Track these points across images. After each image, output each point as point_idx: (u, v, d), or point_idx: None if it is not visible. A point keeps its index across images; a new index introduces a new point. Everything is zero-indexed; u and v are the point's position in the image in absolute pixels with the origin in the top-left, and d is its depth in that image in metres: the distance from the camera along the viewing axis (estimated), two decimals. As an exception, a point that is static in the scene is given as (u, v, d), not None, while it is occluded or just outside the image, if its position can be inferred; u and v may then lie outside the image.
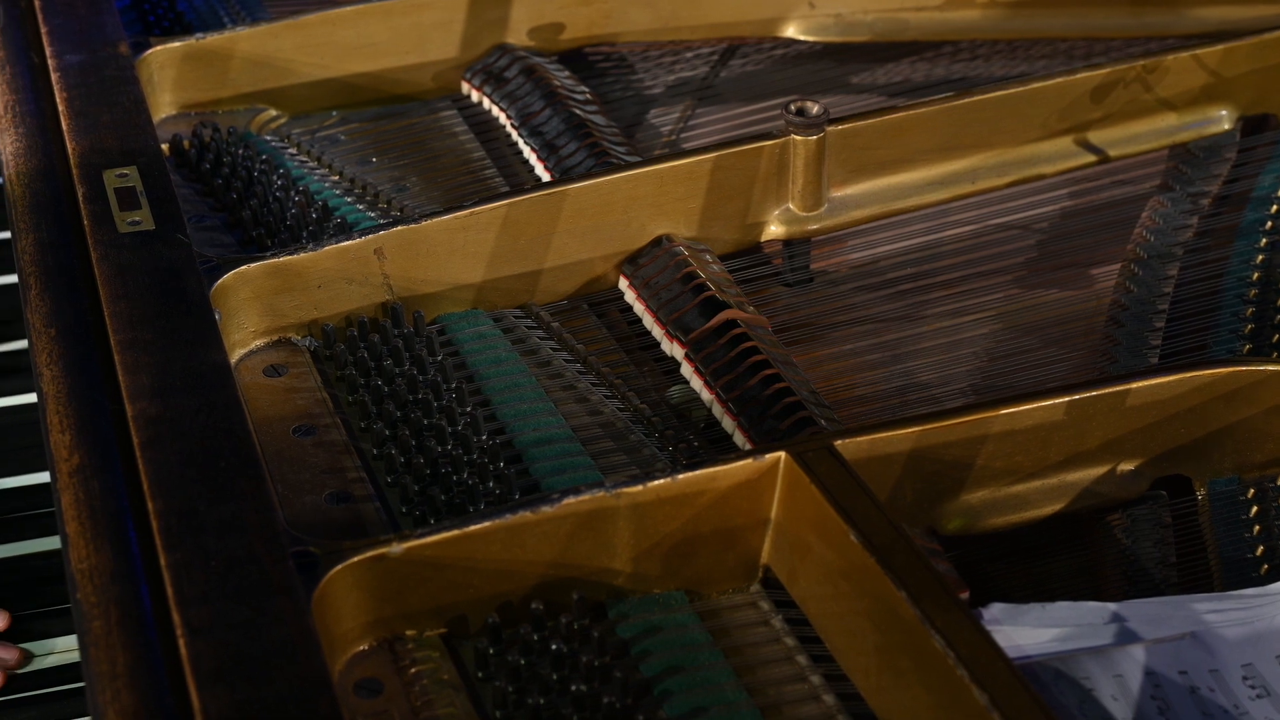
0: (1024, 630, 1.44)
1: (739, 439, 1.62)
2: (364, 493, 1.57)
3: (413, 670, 1.41)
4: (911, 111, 1.91)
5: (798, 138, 1.84)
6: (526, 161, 2.03)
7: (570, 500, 1.43)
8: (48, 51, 2.02)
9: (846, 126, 1.88)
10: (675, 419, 1.67)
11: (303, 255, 1.72)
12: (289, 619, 1.30)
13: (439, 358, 1.70)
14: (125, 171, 1.79)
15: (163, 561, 1.34)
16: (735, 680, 1.40)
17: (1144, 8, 2.24)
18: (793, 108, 1.85)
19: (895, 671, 1.35)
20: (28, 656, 1.69)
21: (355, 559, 1.39)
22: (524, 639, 1.41)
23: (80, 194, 1.77)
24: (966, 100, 1.93)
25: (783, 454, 1.47)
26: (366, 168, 2.03)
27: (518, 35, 2.19)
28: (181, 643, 1.28)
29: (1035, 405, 1.54)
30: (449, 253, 1.77)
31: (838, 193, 1.90)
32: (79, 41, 2.03)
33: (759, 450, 1.48)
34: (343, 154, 2.06)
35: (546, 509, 1.43)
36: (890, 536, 1.38)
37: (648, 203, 1.82)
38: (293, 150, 2.06)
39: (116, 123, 1.88)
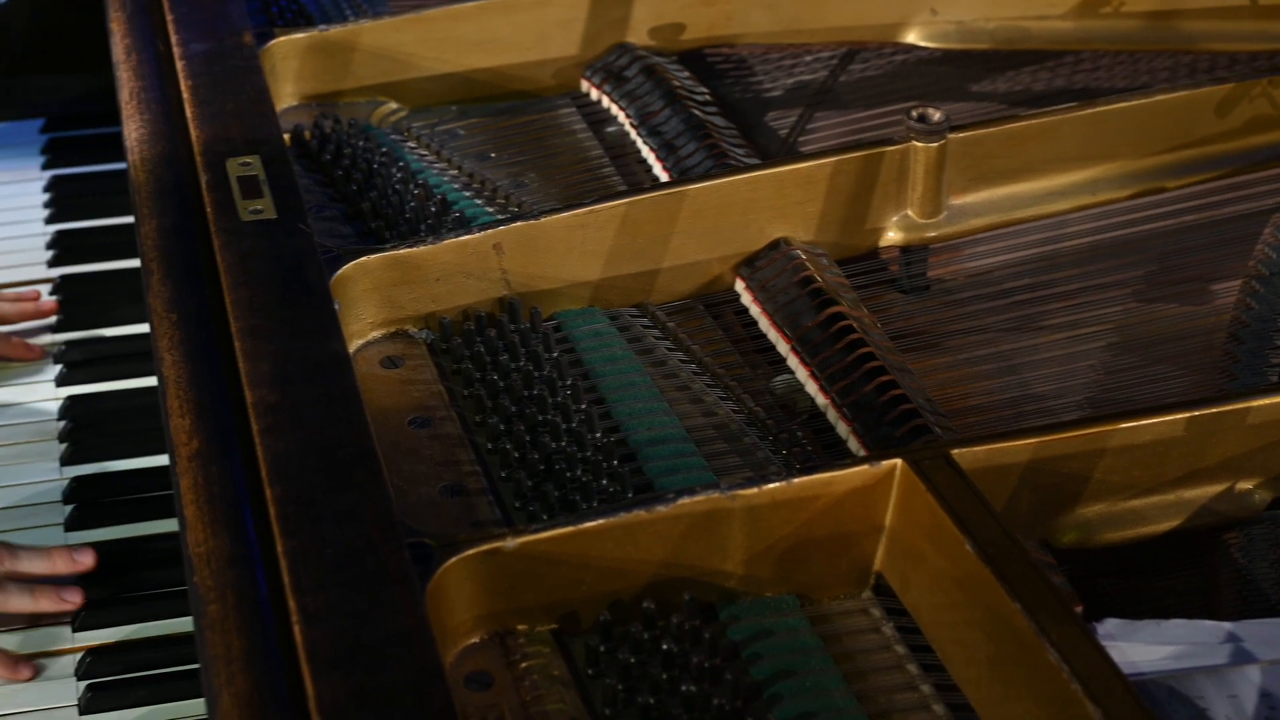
0: (1138, 647, 1.43)
1: (853, 444, 1.62)
2: (478, 486, 1.57)
3: (523, 665, 1.41)
4: (1034, 121, 1.90)
5: (919, 144, 1.83)
6: (644, 161, 2.03)
7: (685, 500, 1.43)
8: (173, 39, 2.04)
9: (968, 134, 1.87)
10: (785, 419, 1.67)
11: (422, 248, 1.73)
12: (404, 609, 1.30)
13: (555, 354, 1.70)
14: (248, 160, 1.80)
15: (280, 548, 1.35)
16: (845, 687, 1.40)
17: (1270, 21, 2.21)
18: (914, 114, 1.84)
19: (1007, 683, 1.34)
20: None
21: (470, 552, 1.40)
22: (635, 637, 1.41)
23: (203, 181, 1.78)
24: (1089, 111, 1.91)
25: (899, 461, 1.46)
26: (485, 163, 2.04)
27: (638, 35, 2.20)
28: (297, 629, 1.29)
29: (1155, 420, 1.53)
30: (567, 250, 1.77)
31: (957, 201, 1.89)
32: (204, 30, 2.05)
33: (875, 456, 1.47)
34: (462, 149, 2.07)
35: (661, 508, 1.43)
36: (1006, 547, 1.37)
37: (766, 205, 1.82)
38: (412, 144, 2.08)
39: (240, 112, 1.89)
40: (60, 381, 2.04)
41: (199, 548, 1.39)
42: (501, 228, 1.75)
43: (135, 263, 2.20)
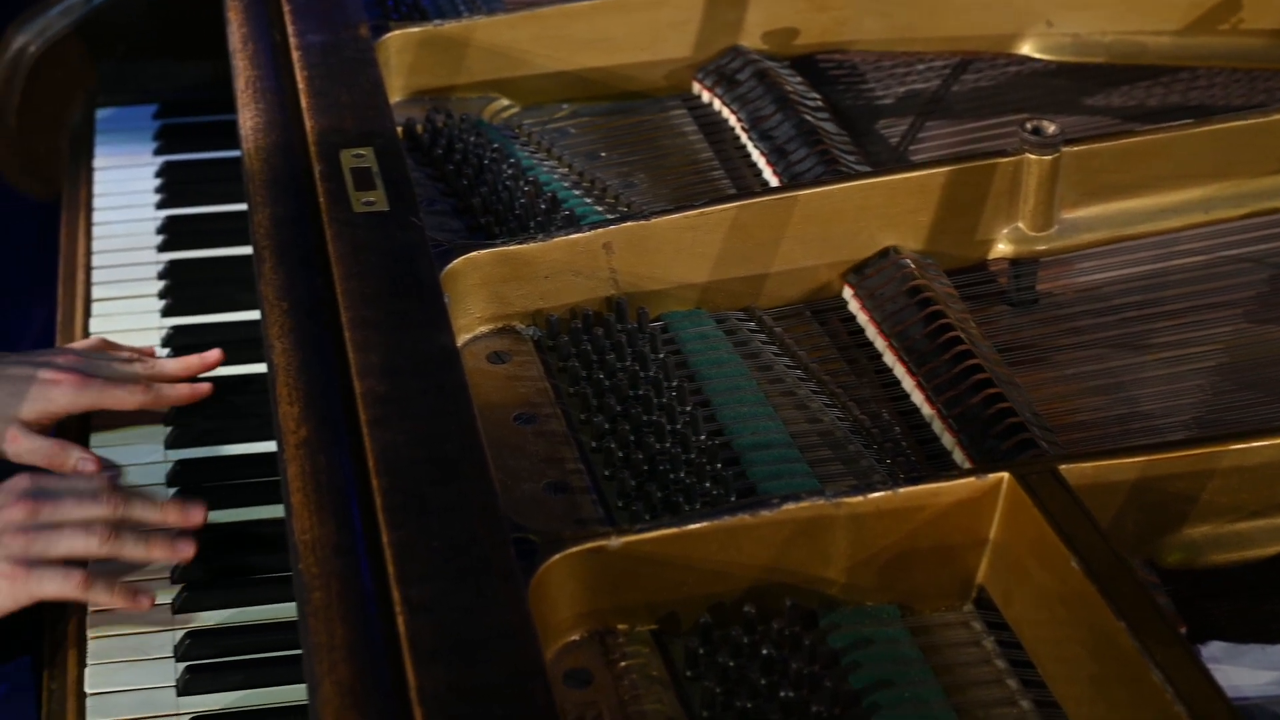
0: (1242, 671, 1.41)
1: (958, 456, 1.61)
2: (581, 484, 1.57)
3: (622, 664, 1.41)
4: (1149, 136, 1.88)
5: (1032, 157, 1.82)
6: (754, 165, 2.03)
7: (789, 506, 1.43)
8: (289, 30, 2.05)
9: (1082, 148, 1.85)
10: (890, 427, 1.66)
11: (532, 245, 1.73)
12: (508, 604, 1.30)
13: (661, 355, 1.70)
14: (362, 152, 1.81)
15: (385, 539, 1.36)
16: (944, 699, 1.39)
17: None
18: (1029, 126, 1.83)
19: (1110, 703, 1.33)
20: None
21: (574, 549, 1.40)
22: (735, 641, 1.41)
23: (317, 171, 1.79)
24: (1206, 128, 1.89)
25: (1006, 475, 1.45)
26: (595, 162, 2.04)
27: (751, 38, 2.19)
28: (400, 620, 1.29)
29: (1265, 443, 1.51)
30: (676, 251, 1.77)
31: (1069, 215, 1.87)
32: (321, 21, 2.06)
33: (982, 469, 1.47)
34: (572, 147, 2.07)
35: (765, 513, 1.43)
36: (1112, 566, 1.36)
37: (877, 213, 1.81)
38: (523, 140, 2.08)
39: (355, 103, 1.90)
40: (166, 365, 2.05)
41: (305, 535, 1.40)
42: (612, 227, 1.76)
43: (242, 250, 2.23)
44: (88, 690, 1.66)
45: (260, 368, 2.00)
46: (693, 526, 1.42)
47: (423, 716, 1.22)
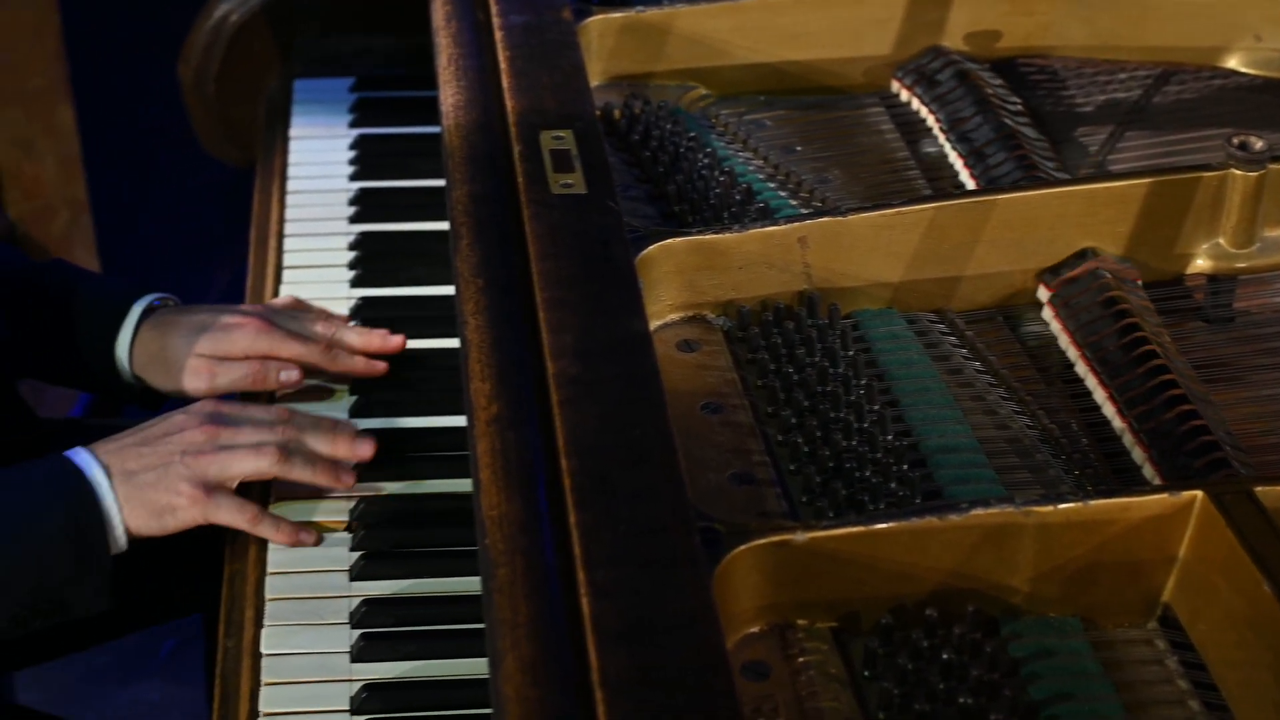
0: None
1: (1148, 471, 1.59)
2: (766, 477, 1.57)
3: (801, 659, 1.41)
4: (1359, 158, 1.85)
5: (1237, 172, 1.79)
6: (951, 166, 2.01)
7: (978, 512, 1.42)
8: (493, 10, 2.06)
9: (1290, 166, 1.82)
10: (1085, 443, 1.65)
11: (727, 235, 1.73)
12: (692, 592, 1.30)
13: (851, 352, 1.69)
14: (561, 134, 1.82)
15: (572, 520, 1.36)
16: (1123, 716, 1.38)
17: None
18: (1235, 141, 1.80)
19: (1297, 730, 1.31)
20: None
21: (759, 542, 1.40)
22: (915, 644, 1.40)
23: (516, 152, 1.80)
24: None
25: (1199, 493, 1.43)
26: (790, 156, 2.03)
27: (953, 39, 2.17)
28: (585, 602, 1.29)
29: None
30: (871, 249, 1.76)
31: (1271, 233, 1.84)
32: (524, 3, 2.07)
33: (1174, 486, 1.45)
34: (768, 139, 2.07)
35: (953, 517, 1.42)
36: (1306, 591, 1.34)
37: (1075, 221, 1.79)
38: (719, 130, 2.08)
39: (556, 85, 1.91)
40: (354, 335, 2.07)
41: (492, 511, 1.41)
42: (808, 221, 1.75)
43: (432, 225, 2.25)
44: (264, 651, 1.67)
45: (443, 343, 2.02)
46: (879, 526, 1.42)
47: (604, 699, 1.22)
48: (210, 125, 2.73)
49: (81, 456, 1.72)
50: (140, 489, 1.71)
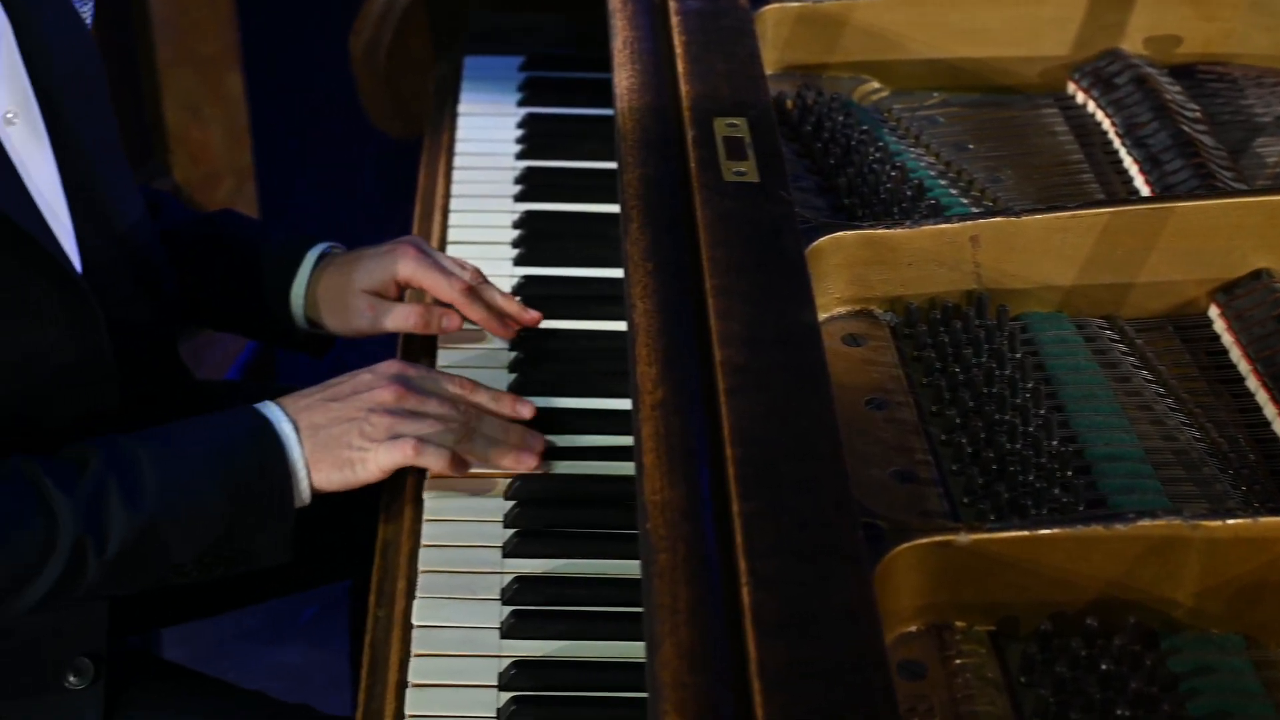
0: None
1: (1319, 491, 1.56)
2: (928, 476, 1.56)
3: (957, 661, 1.40)
4: None
5: None
6: (1124, 172, 1.99)
7: (1144, 523, 1.40)
8: (669, -6, 2.06)
9: None
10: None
11: (898, 231, 1.72)
12: (853, 587, 1.30)
13: (1018, 355, 1.68)
14: (735, 122, 1.82)
15: (735, 509, 1.36)
16: (1284, 737, 1.36)
17: None
18: None
19: None
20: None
21: (921, 541, 1.39)
22: (1073, 652, 1.39)
23: (689, 137, 1.80)
24: None
25: (1372, 514, 1.41)
26: (963, 153, 2.02)
27: (1132, 43, 2.15)
28: (745, 591, 1.29)
29: None
30: (1043, 252, 1.74)
31: None
32: (701, -12, 2.07)
33: (1348, 506, 1.42)
34: (940, 136, 2.05)
35: (1119, 526, 1.40)
36: None
37: (1253, 233, 1.76)
38: (891, 125, 2.07)
39: (731, 73, 1.90)
40: (515, 311, 2.07)
41: (654, 495, 1.41)
42: (980, 220, 1.73)
43: (597, 207, 2.25)
44: (415, 622, 1.68)
45: (603, 325, 2.02)
46: (1043, 532, 1.40)
47: (761, 690, 1.22)
48: (378, 98, 2.75)
49: (271, 409, 1.75)
50: (326, 443, 1.74)
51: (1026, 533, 1.40)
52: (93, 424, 1.78)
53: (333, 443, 1.74)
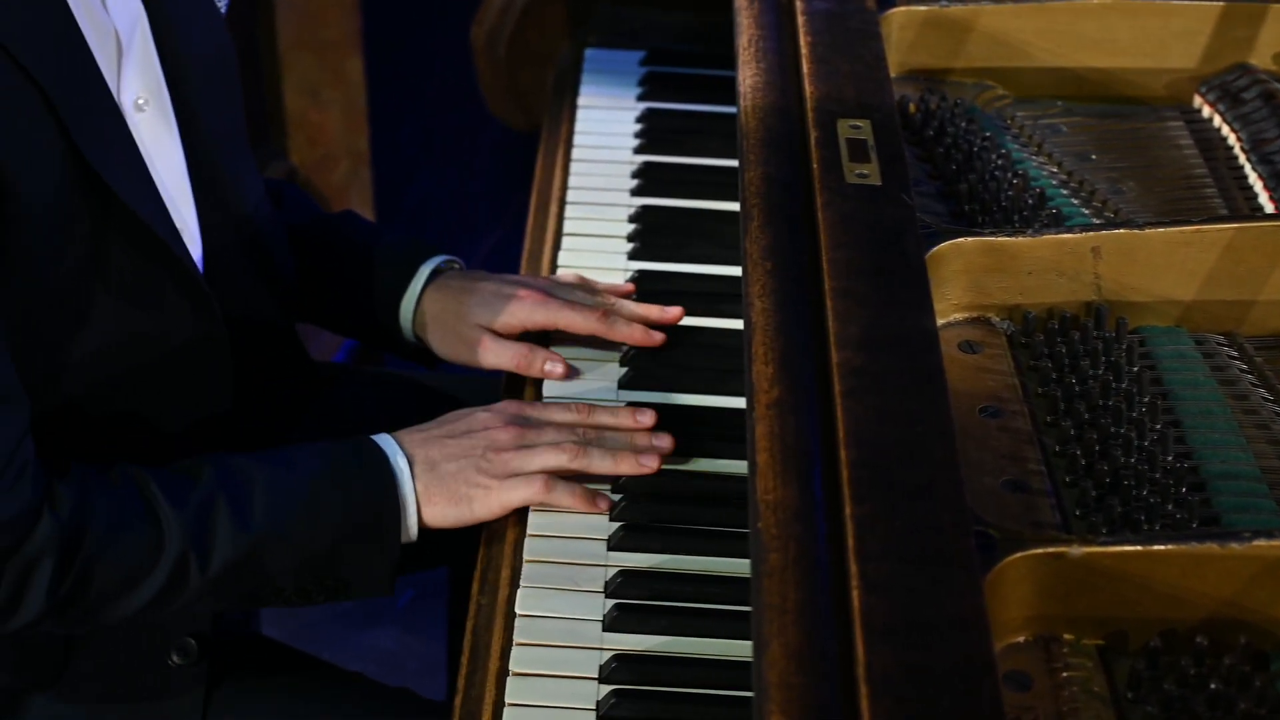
0: None
1: None
2: (1040, 486, 1.55)
3: (1064, 674, 1.39)
4: None
5: None
6: (1249, 188, 1.96)
7: (1260, 543, 1.39)
8: (796, -6, 2.06)
9: None
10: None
11: (1020, 239, 1.71)
12: (964, 595, 1.29)
13: (1136, 368, 1.67)
14: (858, 124, 1.81)
15: (848, 511, 1.36)
16: (1393, 766, 1.34)
17: None
18: None
19: None
20: None
21: (1034, 551, 1.38)
22: (1182, 670, 1.37)
23: (813, 138, 1.79)
24: None
25: None
26: (1085, 163, 2.00)
27: (1261, 58, 2.12)
28: (855, 594, 1.29)
29: None
30: (1165, 265, 1.73)
31: None
32: (827, -11, 2.07)
33: None
34: (1063, 145, 2.04)
35: (1235, 545, 1.39)
36: None
37: (1380, 255, 1.74)
38: (1014, 132, 2.05)
39: (856, 74, 1.90)
40: (628, 308, 2.07)
41: (767, 495, 1.41)
42: (1103, 232, 1.72)
43: (714, 204, 2.25)
44: (518, 611, 1.68)
45: (718, 322, 2.02)
46: (1157, 547, 1.39)
47: (868, 694, 1.22)
48: (498, 87, 2.77)
49: (388, 443, 1.75)
50: (442, 479, 1.74)
51: (1140, 547, 1.39)
52: (208, 407, 1.80)
53: (449, 478, 1.74)
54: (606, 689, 1.59)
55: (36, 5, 1.60)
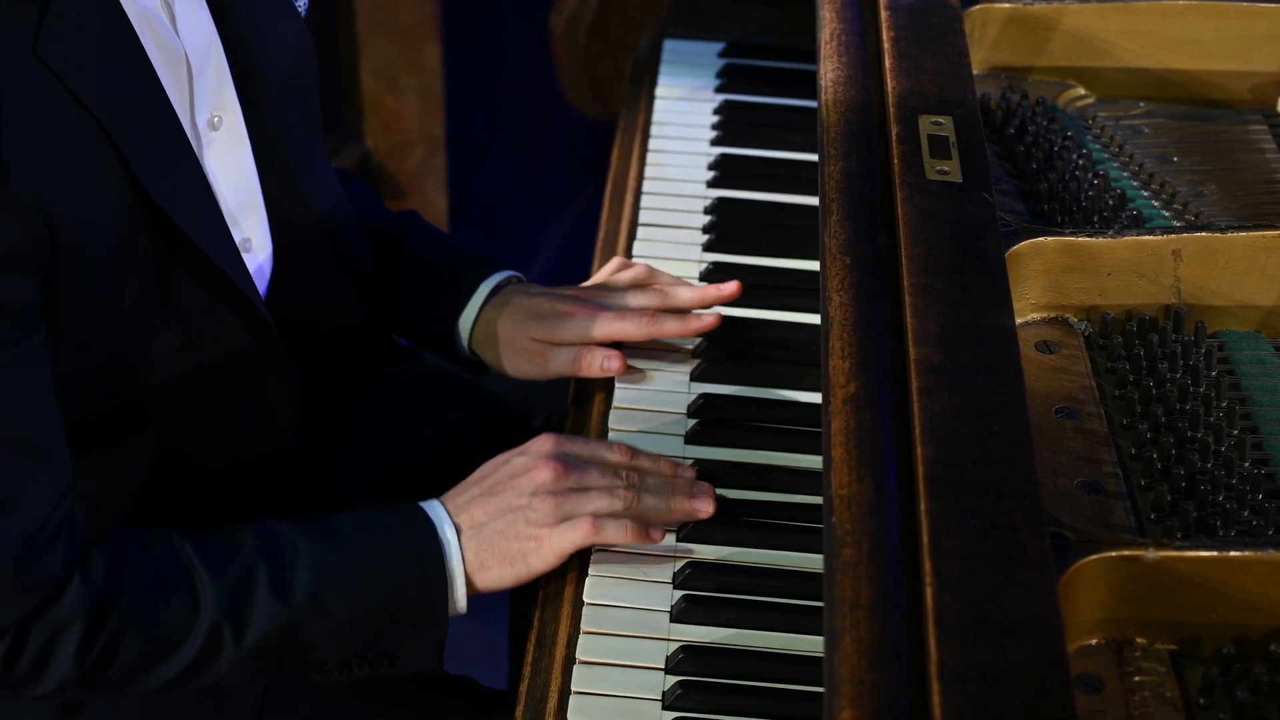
0: None
1: None
2: (1115, 489, 1.54)
3: (1136, 678, 1.38)
4: None
5: None
6: (1332, 195, 1.95)
7: (1337, 552, 1.38)
8: (879, -11, 2.05)
9: None
10: None
11: (1100, 240, 1.70)
12: (1037, 595, 1.29)
13: (1214, 373, 1.65)
14: (940, 120, 1.80)
15: (922, 508, 1.35)
16: None
17: None
18: None
19: None
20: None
21: (1109, 554, 1.37)
22: (1255, 678, 1.36)
23: (894, 134, 1.79)
24: None
25: None
26: (1167, 165, 1.99)
27: (1348, 62, 2.11)
28: (929, 592, 1.28)
29: None
30: (1246, 270, 1.71)
31: None
32: (911, -16, 2.06)
33: None
34: (1144, 146, 2.02)
35: (1312, 554, 1.38)
36: None
37: None
38: (1095, 133, 2.04)
39: (938, 71, 1.89)
40: (701, 298, 2.07)
41: (842, 490, 1.40)
42: (1184, 234, 1.71)
43: (790, 198, 2.25)
44: (586, 600, 1.69)
45: (791, 316, 2.02)
46: (1234, 554, 1.38)
47: (940, 691, 1.21)
48: (575, 76, 2.77)
49: (435, 510, 1.71)
50: (490, 540, 1.69)
51: (1216, 553, 1.38)
52: (272, 419, 1.80)
53: (498, 538, 1.70)
54: (673, 680, 1.59)
55: (102, 38, 1.58)
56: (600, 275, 2.03)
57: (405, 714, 1.86)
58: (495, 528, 1.69)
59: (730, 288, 1.97)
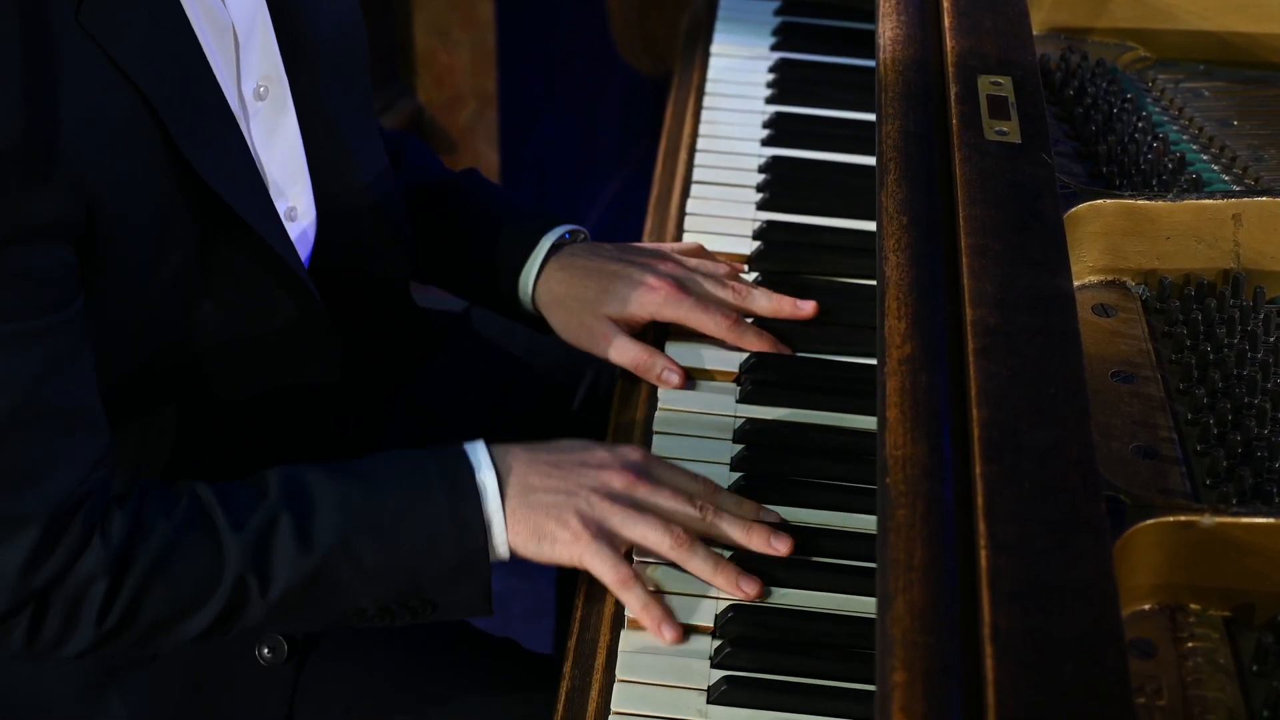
0: None
1: None
2: (1170, 454, 1.53)
3: (1189, 644, 1.38)
4: None
5: None
6: (1389, 160, 1.93)
7: (1394, 520, 1.37)
8: (939, -52, 2.03)
9: None
10: None
11: (1160, 203, 1.69)
12: (1092, 560, 1.28)
13: (1273, 339, 1.64)
14: (999, 80, 1.79)
15: (977, 470, 1.34)
16: None
17: None
18: None
19: None
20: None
21: (1164, 519, 1.37)
22: (1310, 646, 1.36)
23: (952, 93, 1.77)
24: None
25: None
26: (1227, 129, 1.97)
27: None
28: (983, 555, 1.28)
29: None
30: (1306, 236, 1.70)
31: None
32: (970, -56, 2.04)
33: None
34: (1204, 110, 2.01)
35: (1369, 522, 1.37)
36: None
37: None
38: (1155, 95, 2.03)
39: (998, 31, 1.88)
40: (753, 258, 2.06)
41: (896, 450, 1.40)
42: (1245, 199, 1.70)
43: (844, 157, 2.24)
44: (635, 556, 1.68)
45: (842, 279, 2.00)
46: (1291, 521, 1.37)
47: (993, 655, 1.21)
48: (630, 32, 2.76)
49: (477, 454, 1.65)
50: (532, 508, 1.63)
51: (1272, 520, 1.37)
52: (316, 380, 1.79)
53: (538, 509, 1.63)
54: (719, 642, 1.58)
55: (147, 7, 1.56)
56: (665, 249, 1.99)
57: (449, 676, 1.86)
58: (542, 500, 1.64)
59: (807, 307, 1.90)
